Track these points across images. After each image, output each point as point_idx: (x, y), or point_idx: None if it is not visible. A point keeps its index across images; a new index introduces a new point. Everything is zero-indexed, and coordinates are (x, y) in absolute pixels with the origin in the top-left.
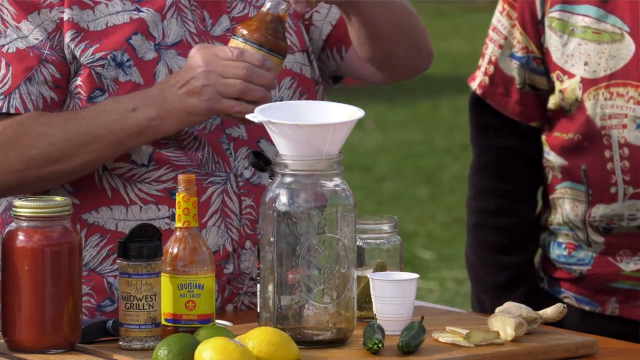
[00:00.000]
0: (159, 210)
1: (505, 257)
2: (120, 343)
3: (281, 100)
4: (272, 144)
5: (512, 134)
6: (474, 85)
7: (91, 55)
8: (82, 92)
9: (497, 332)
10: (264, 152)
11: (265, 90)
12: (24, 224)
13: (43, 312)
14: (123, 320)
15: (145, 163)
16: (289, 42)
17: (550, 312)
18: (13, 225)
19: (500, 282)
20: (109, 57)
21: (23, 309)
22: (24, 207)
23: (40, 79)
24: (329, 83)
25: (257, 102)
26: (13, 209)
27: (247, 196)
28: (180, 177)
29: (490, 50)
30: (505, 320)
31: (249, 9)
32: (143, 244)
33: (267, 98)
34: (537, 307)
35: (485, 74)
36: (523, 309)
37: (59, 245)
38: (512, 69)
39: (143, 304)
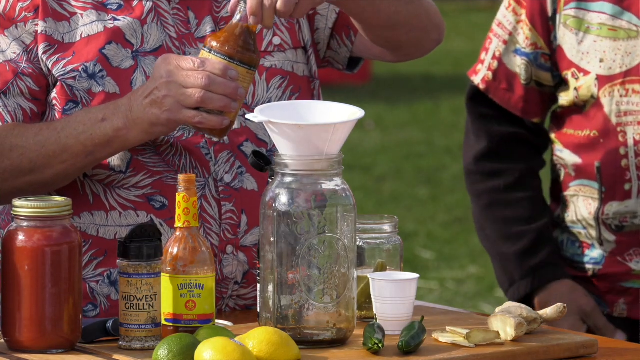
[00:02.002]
0: (138, 216)
1: (525, 226)
2: (120, 343)
3: (269, 101)
4: (257, 146)
5: (515, 124)
6: (477, 79)
7: (62, 68)
8: (58, 105)
9: (497, 332)
10: (248, 155)
11: (227, 100)
12: (24, 224)
13: (43, 312)
14: (123, 320)
15: (123, 169)
16: (279, 40)
17: (550, 312)
18: (13, 225)
19: (525, 247)
20: (80, 69)
21: (23, 309)
22: (24, 207)
23: (16, 92)
24: (344, 70)
25: (221, 113)
26: (13, 209)
27: (228, 201)
28: (181, 177)
29: (495, 45)
30: (506, 320)
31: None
32: (143, 244)
33: (231, 107)
34: (562, 267)
35: (489, 69)
36: (523, 309)
37: (59, 245)
38: (516, 65)
39: (143, 304)
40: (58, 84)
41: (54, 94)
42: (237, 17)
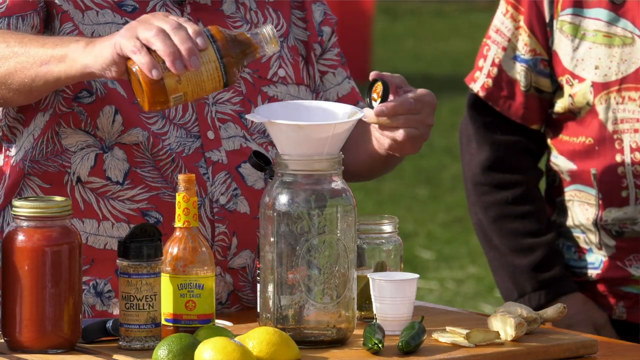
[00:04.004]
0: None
1: (536, 239)
2: (120, 343)
3: (265, 129)
4: (256, 169)
5: (518, 132)
6: (476, 87)
7: None
8: (68, 91)
9: (497, 332)
10: (245, 176)
11: (176, 51)
12: (24, 224)
13: (43, 312)
14: (123, 320)
15: (120, 181)
16: (284, 73)
17: (550, 312)
18: (13, 225)
19: (538, 260)
20: None
21: (23, 309)
22: (24, 207)
23: (29, 22)
24: None
25: (164, 68)
26: (13, 209)
27: (221, 222)
28: (180, 177)
29: (493, 52)
30: (506, 320)
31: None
32: (143, 244)
33: (174, 64)
34: (572, 281)
35: (488, 76)
36: (523, 309)
37: (59, 245)
38: (516, 71)
39: (143, 304)
40: None
41: None
42: (252, 35)
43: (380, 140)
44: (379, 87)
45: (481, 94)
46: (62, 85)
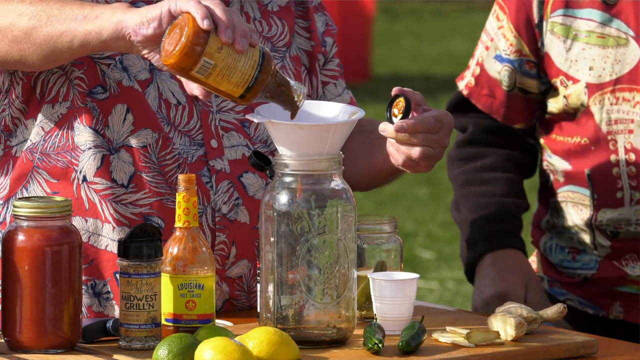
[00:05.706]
0: None
1: (496, 198)
2: (121, 343)
3: (269, 136)
4: (259, 175)
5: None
6: (461, 85)
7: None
8: (83, 85)
9: (497, 332)
10: (247, 186)
11: (231, 20)
12: (24, 223)
13: (43, 312)
14: (123, 320)
15: (124, 184)
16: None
17: (550, 312)
18: (13, 225)
19: (492, 213)
20: (117, 58)
21: (23, 309)
22: (24, 207)
23: None
24: None
25: (215, 32)
26: (13, 208)
27: (222, 232)
28: (181, 177)
29: (479, 51)
30: (506, 320)
31: (264, 43)
32: (143, 244)
33: (228, 24)
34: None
35: (472, 74)
36: (523, 309)
37: (59, 245)
38: (496, 71)
39: (143, 304)
40: (87, 64)
41: (78, 73)
42: (293, 86)
43: (395, 155)
44: (400, 102)
45: (465, 92)
46: (85, 50)
